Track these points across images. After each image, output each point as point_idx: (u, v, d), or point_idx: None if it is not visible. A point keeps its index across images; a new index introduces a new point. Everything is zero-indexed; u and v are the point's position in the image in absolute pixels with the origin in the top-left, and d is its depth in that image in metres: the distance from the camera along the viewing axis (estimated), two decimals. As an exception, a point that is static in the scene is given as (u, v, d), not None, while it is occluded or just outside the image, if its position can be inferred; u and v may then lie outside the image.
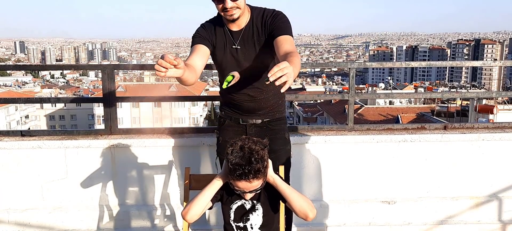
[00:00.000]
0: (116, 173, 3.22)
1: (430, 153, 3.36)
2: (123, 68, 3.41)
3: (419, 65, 3.62)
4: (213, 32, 2.35)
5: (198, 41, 2.30)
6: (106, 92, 3.23)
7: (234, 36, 2.33)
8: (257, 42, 2.32)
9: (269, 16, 2.30)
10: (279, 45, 2.17)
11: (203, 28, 2.36)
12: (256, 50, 2.32)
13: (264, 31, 2.30)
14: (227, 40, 2.34)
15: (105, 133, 3.28)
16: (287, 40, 2.18)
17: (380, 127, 3.50)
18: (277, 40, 2.20)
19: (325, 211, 3.35)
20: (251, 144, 1.78)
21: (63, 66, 3.39)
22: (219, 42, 2.35)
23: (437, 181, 3.39)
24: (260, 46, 2.31)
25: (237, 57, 2.35)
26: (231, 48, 2.33)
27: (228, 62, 2.36)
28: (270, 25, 2.28)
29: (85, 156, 3.18)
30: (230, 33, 2.33)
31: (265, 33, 2.30)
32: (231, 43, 2.33)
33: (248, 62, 2.34)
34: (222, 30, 2.35)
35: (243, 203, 1.94)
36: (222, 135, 2.55)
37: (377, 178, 3.36)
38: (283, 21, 2.27)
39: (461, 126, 3.52)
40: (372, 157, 3.34)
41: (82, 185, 3.21)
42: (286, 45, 2.14)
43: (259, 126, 2.49)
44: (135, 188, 3.25)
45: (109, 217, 3.25)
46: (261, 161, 1.77)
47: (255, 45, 2.32)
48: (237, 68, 2.32)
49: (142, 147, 3.19)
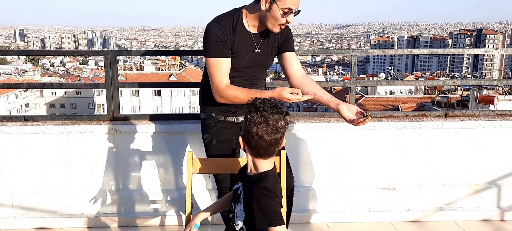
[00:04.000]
0: (119, 158, 3.24)
1: (430, 140, 3.38)
2: (126, 54, 3.41)
3: (421, 53, 3.63)
4: (232, 35, 2.27)
5: (222, 54, 2.24)
6: (108, 78, 3.24)
7: (256, 40, 2.35)
8: (271, 47, 2.42)
9: (284, 28, 2.35)
10: (290, 62, 2.41)
11: (222, 31, 2.24)
12: (269, 53, 2.43)
13: (278, 39, 2.42)
14: (249, 43, 2.33)
15: (108, 118, 3.29)
16: (296, 58, 2.45)
17: (381, 114, 3.52)
18: (288, 56, 2.42)
19: (325, 197, 3.38)
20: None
21: (65, 52, 3.40)
22: (240, 44, 2.30)
23: (437, 168, 3.42)
24: (272, 51, 2.43)
25: (256, 61, 2.39)
26: (253, 52, 2.35)
27: (245, 65, 2.36)
28: (284, 37, 2.43)
29: (88, 141, 3.20)
30: (252, 36, 2.34)
31: (278, 41, 2.43)
32: (252, 46, 2.34)
33: (261, 64, 2.43)
34: (244, 31, 2.31)
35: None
36: (215, 136, 2.46)
37: (378, 165, 3.39)
38: (291, 35, 2.48)
39: (461, 113, 3.54)
40: (373, 144, 3.36)
41: (84, 170, 3.23)
42: (297, 64, 2.43)
43: None
44: (137, 173, 3.28)
45: (111, 201, 3.28)
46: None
47: (269, 49, 2.42)
48: (253, 70, 2.41)
49: (144, 132, 3.21)
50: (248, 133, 1.70)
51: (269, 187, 1.73)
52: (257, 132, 1.68)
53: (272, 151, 1.75)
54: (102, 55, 3.23)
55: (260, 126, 1.67)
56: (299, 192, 3.30)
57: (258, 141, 1.70)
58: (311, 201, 3.38)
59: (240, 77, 2.37)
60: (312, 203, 3.38)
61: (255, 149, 1.73)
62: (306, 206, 3.38)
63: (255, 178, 1.78)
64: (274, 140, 1.71)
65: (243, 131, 1.76)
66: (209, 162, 2.19)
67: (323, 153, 3.34)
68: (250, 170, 1.81)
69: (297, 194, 3.06)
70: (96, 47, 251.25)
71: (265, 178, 1.78)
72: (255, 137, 1.69)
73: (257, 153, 1.74)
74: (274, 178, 1.87)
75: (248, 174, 1.82)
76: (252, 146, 1.72)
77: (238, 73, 2.36)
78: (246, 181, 1.81)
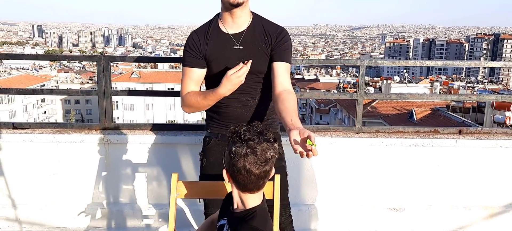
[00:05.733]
0: (110, 170, 3.08)
1: (443, 158, 3.15)
2: (120, 60, 3.25)
3: (434, 64, 3.40)
4: (204, 41, 2.13)
5: (192, 64, 2.14)
6: (101, 85, 3.08)
7: (235, 38, 2.13)
8: (257, 48, 2.14)
9: (273, 31, 2.14)
10: (277, 73, 2.10)
11: (194, 41, 2.14)
12: (258, 54, 2.13)
13: (266, 41, 2.14)
14: (227, 42, 2.12)
15: (100, 127, 3.13)
16: (285, 70, 2.12)
17: (390, 130, 3.30)
18: (276, 66, 2.11)
19: (328, 217, 3.17)
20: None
21: (56, 56, 3.25)
22: (216, 48, 2.12)
23: (449, 189, 3.19)
24: (260, 53, 2.14)
25: (240, 60, 2.10)
26: (233, 48, 2.12)
27: (228, 66, 2.10)
28: (274, 42, 2.14)
29: (78, 151, 3.04)
30: (231, 36, 2.12)
31: (267, 44, 2.14)
32: (232, 44, 2.12)
33: (262, 68, 2.16)
34: (220, 33, 2.13)
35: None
36: (207, 155, 2.25)
37: (385, 183, 3.17)
38: (286, 44, 2.16)
39: (477, 131, 3.30)
40: (380, 161, 3.15)
41: (74, 181, 3.08)
42: (283, 77, 2.09)
43: None
44: (129, 186, 3.11)
45: (101, 215, 3.12)
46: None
47: (256, 49, 2.14)
48: (249, 74, 2.11)
49: (137, 143, 3.04)
50: (234, 167, 1.51)
51: (259, 227, 1.55)
52: (244, 165, 1.48)
53: (261, 185, 1.56)
54: (95, 61, 3.06)
55: (247, 158, 1.48)
56: (301, 210, 3.11)
57: (245, 175, 1.51)
58: (313, 220, 3.18)
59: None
60: (313, 223, 3.18)
61: (242, 184, 1.54)
62: (308, 225, 3.18)
63: (243, 215, 1.59)
64: (263, 172, 1.52)
65: (227, 164, 1.57)
66: (195, 185, 2.00)
67: (326, 169, 3.14)
68: (237, 205, 1.62)
69: (298, 213, 2.87)
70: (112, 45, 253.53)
71: (254, 215, 1.60)
72: (242, 171, 1.49)
73: (245, 187, 1.55)
74: (264, 215, 1.68)
75: (234, 211, 1.63)
76: (239, 180, 1.53)
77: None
78: (232, 218, 1.63)
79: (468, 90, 45.82)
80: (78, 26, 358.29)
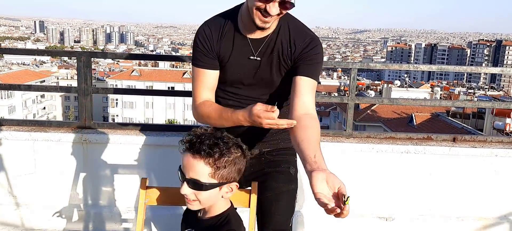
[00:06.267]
0: (88, 171, 2.95)
1: (435, 167, 3.03)
2: (101, 56, 3.14)
3: (429, 69, 3.28)
4: (218, 40, 1.80)
5: (205, 64, 1.81)
6: (81, 82, 2.96)
7: (253, 45, 1.80)
8: (277, 60, 1.81)
9: (301, 39, 1.79)
10: (299, 90, 1.72)
11: (206, 36, 1.80)
12: (274, 67, 1.82)
13: (289, 51, 1.80)
14: (244, 48, 1.80)
15: (79, 126, 3.01)
16: (310, 89, 1.74)
17: (382, 135, 3.17)
18: (298, 81, 1.74)
19: (315, 224, 3.05)
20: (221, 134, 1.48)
21: (37, 51, 3.13)
22: (229, 50, 1.81)
23: (441, 198, 3.07)
24: (280, 66, 1.82)
25: (253, 73, 1.82)
26: (248, 59, 1.81)
27: (239, 78, 1.84)
28: (299, 52, 1.78)
29: (55, 150, 2.92)
30: (249, 41, 1.79)
31: (289, 55, 1.80)
32: (248, 53, 1.81)
33: (263, 79, 1.85)
34: (237, 34, 1.80)
35: None
36: None
37: (375, 191, 3.05)
38: (315, 57, 1.78)
39: (472, 139, 3.17)
40: (371, 168, 3.02)
41: (51, 181, 2.95)
42: (306, 96, 1.71)
43: (256, 157, 1.91)
44: (108, 188, 2.99)
45: (78, 218, 2.99)
46: (218, 149, 1.42)
47: (274, 62, 1.81)
48: (252, 87, 1.86)
49: (117, 143, 2.92)
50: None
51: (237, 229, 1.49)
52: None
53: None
54: (75, 57, 2.94)
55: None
56: (286, 217, 2.98)
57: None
58: (299, 228, 3.06)
59: (238, 97, 1.88)
60: (299, 230, 3.06)
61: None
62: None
63: (214, 222, 1.50)
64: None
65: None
66: (167, 191, 1.87)
67: (314, 176, 3.01)
68: (202, 213, 1.51)
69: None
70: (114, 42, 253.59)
71: (228, 220, 1.52)
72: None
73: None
74: (237, 218, 1.59)
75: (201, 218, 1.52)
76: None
77: (235, 90, 1.88)
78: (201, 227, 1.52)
79: (469, 96, 45.71)
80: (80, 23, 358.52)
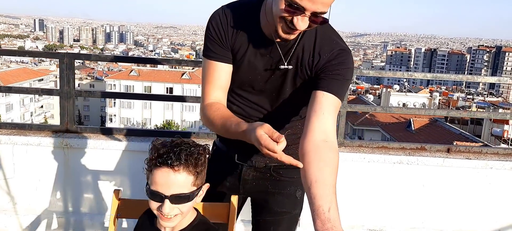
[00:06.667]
0: (69, 177, 2.85)
1: (428, 178, 2.94)
2: (84, 58, 3.03)
3: (423, 77, 3.18)
4: (234, 31, 1.52)
5: (215, 56, 1.53)
6: (63, 85, 2.86)
7: (282, 51, 1.50)
8: (294, 68, 1.53)
9: (327, 48, 1.49)
10: (319, 108, 1.40)
11: (220, 22, 1.52)
12: (289, 76, 1.54)
13: (312, 62, 1.50)
14: (260, 49, 1.52)
15: (60, 130, 2.91)
16: (332, 108, 1.42)
17: (374, 145, 3.08)
18: (318, 97, 1.42)
19: (304, 236, 2.95)
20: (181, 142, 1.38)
21: (15, 51, 3.02)
22: (244, 47, 1.53)
23: (434, 211, 2.97)
24: (296, 75, 1.54)
25: (268, 76, 1.55)
26: (279, 68, 1.52)
27: (252, 79, 1.57)
28: (323, 63, 1.48)
29: (35, 155, 2.82)
30: (267, 41, 1.50)
31: (313, 67, 1.51)
32: (278, 60, 1.51)
33: (274, 87, 1.57)
34: (254, 30, 1.51)
35: None
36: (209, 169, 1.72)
37: (366, 202, 2.95)
38: (344, 74, 1.47)
39: (466, 150, 3.08)
40: (362, 178, 2.92)
41: (30, 187, 2.85)
42: (326, 117, 1.39)
43: (260, 170, 1.72)
44: (89, 194, 2.89)
45: (58, 225, 2.89)
46: (192, 153, 1.34)
47: (290, 70, 1.53)
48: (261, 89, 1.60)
49: (99, 149, 2.82)
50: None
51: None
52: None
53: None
54: (58, 59, 2.84)
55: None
56: (274, 228, 2.88)
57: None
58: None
59: (244, 102, 1.64)
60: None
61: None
62: (281, 244, 2.95)
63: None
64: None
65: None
66: (141, 204, 1.77)
67: (303, 185, 2.91)
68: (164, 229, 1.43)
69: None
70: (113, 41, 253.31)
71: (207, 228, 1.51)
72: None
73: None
74: (210, 226, 1.51)
75: None
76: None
77: (243, 93, 1.63)
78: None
79: (468, 102, 45.73)
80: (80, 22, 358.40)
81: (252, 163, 1.71)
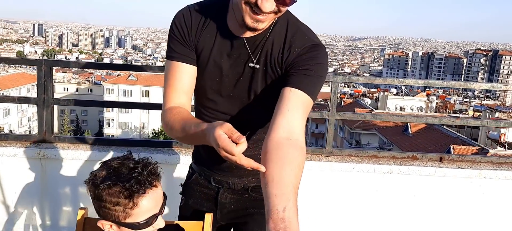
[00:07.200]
0: (47, 189, 2.74)
1: (420, 188, 2.84)
2: (62, 65, 2.93)
3: (415, 83, 3.09)
4: (198, 29, 1.41)
5: (178, 57, 1.42)
6: (41, 93, 2.75)
7: (250, 48, 1.40)
8: (263, 66, 1.41)
9: (299, 43, 1.38)
10: (284, 105, 1.28)
11: (182, 24, 1.42)
12: (257, 76, 1.42)
13: (281, 58, 1.39)
14: (226, 48, 1.41)
15: (37, 140, 2.80)
16: (299, 105, 1.30)
17: (364, 154, 2.97)
18: (286, 93, 1.31)
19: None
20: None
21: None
22: (209, 47, 1.42)
23: (426, 222, 2.87)
24: (266, 74, 1.41)
25: (236, 79, 1.44)
26: (247, 67, 1.41)
27: (218, 82, 1.45)
28: (294, 57, 1.37)
29: (11, 166, 2.71)
30: (245, 43, 1.39)
31: (282, 63, 1.39)
32: (246, 60, 1.40)
33: (243, 90, 1.45)
34: (220, 28, 1.41)
35: None
36: (185, 194, 1.72)
37: (355, 213, 2.85)
38: (316, 69, 1.35)
39: (459, 159, 2.98)
40: (351, 189, 2.82)
41: (6, 200, 2.74)
42: (292, 114, 1.27)
43: (238, 192, 1.62)
44: (68, 207, 2.78)
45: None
46: (152, 166, 1.34)
47: (259, 68, 1.41)
48: (229, 94, 1.47)
49: (78, 159, 2.71)
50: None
51: None
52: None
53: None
54: (36, 66, 2.74)
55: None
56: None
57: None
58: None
59: (214, 113, 1.50)
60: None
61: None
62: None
63: None
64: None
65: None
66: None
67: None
68: None
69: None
70: (112, 46, 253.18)
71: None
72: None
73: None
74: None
75: None
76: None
77: (211, 104, 1.50)
78: None
79: (464, 106, 45.73)
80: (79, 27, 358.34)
81: (229, 185, 1.62)
